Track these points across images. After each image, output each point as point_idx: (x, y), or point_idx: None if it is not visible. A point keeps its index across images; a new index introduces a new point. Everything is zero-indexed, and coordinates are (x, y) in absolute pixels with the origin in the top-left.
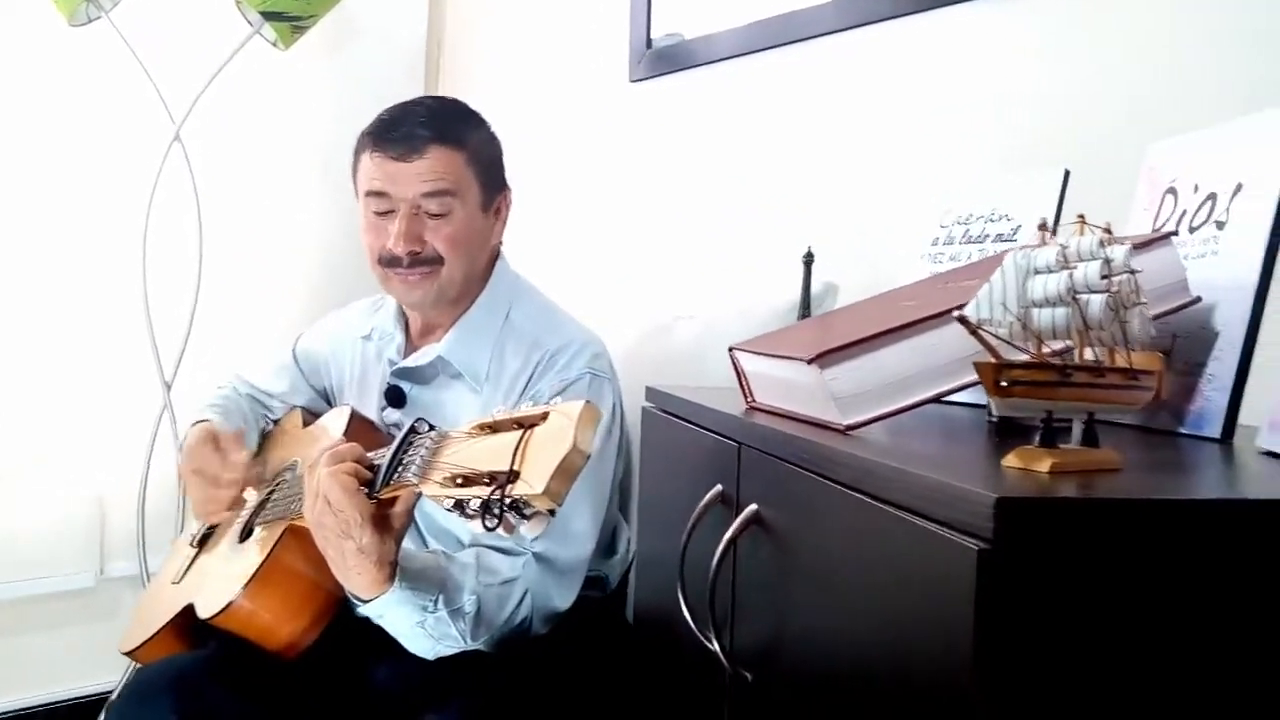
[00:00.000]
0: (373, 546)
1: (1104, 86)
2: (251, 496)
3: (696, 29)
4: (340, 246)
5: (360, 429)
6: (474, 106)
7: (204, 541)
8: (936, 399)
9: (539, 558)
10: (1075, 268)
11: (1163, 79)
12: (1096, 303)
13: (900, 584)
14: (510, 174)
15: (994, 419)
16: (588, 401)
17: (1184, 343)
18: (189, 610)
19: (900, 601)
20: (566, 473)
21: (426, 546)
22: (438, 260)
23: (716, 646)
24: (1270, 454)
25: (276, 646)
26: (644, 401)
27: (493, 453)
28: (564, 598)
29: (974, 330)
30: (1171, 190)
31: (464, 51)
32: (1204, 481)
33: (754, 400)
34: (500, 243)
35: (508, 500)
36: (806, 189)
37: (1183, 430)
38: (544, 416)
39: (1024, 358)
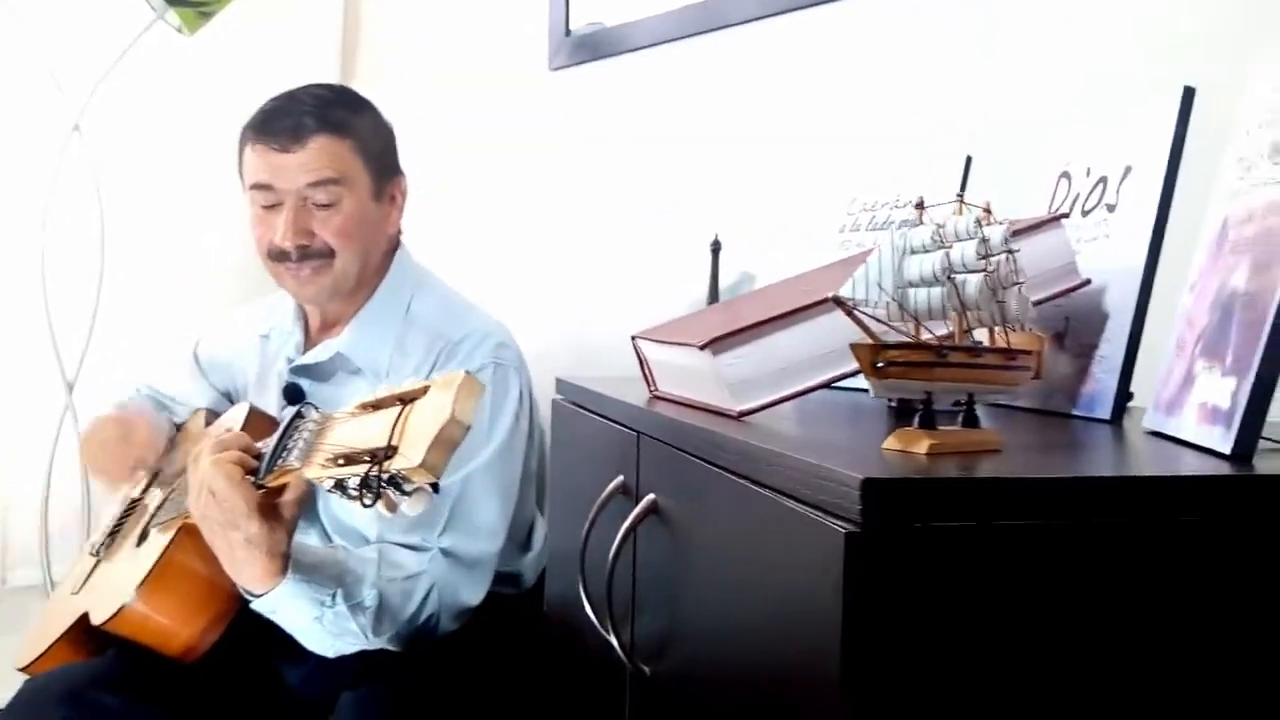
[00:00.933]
0: (261, 537)
1: (1008, 73)
2: (152, 499)
3: (618, 16)
4: (249, 241)
5: (259, 424)
6: (393, 94)
7: (102, 550)
8: (829, 384)
9: (446, 552)
10: (951, 247)
11: (1065, 67)
12: (973, 282)
13: (781, 570)
14: (427, 163)
15: (894, 404)
16: (467, 372)
17: (1077, 325)
18: (85, 619)
19: (780, 589)
20: (444, 444)
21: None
22: (328, 253)
23: (615, 641)
24: (1155, 434)
25: (175, 650)
26: (554, 394)
27: (372, 430)
28: (472, 593)
29: (849, 311)
30: (1066, 174)
31: (381, 37)
32: (1076, 461)
33: (657, 389)
34: (399, 232)
35: (385, 475)
36: (725, 177)
37: (1075, 412)
38: (424, 390)
39: (903, 339)
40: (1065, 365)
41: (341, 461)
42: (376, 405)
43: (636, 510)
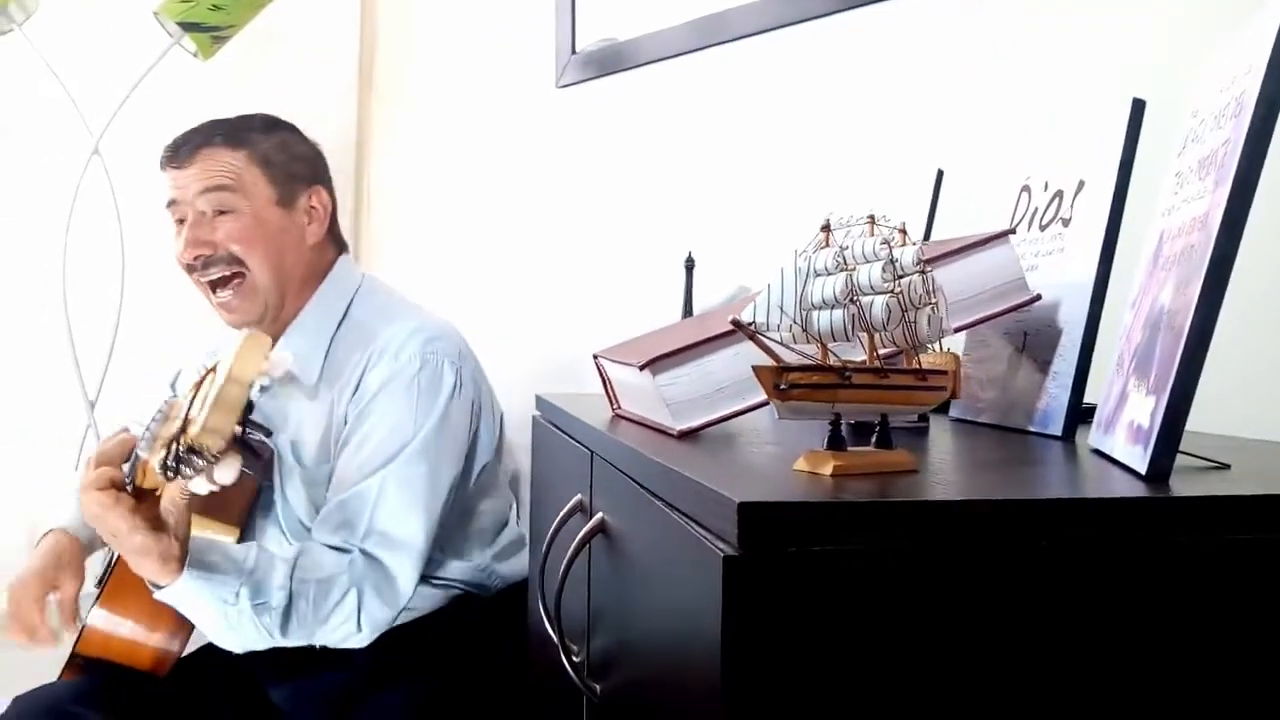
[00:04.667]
0: (147, 546)
1: (979, 85)
2: None
3: (628, 32)
4: None
5: None
6: (411, 116)
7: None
8: (765, 404)
9: (366, 555)
10: (855, 269)
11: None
12: (879, 303)
13: (685, 592)
14: (443, 184)
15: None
16: (251, 331)
17: (1034, 340)
18: (75, 652)
19: (685, 612)
20: (224, 405)
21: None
22: (236, 263)
23: (565, 661)
24: (1096, 451)
25: (145, 664)
26: (534, 410)
27: (184, 406)
28: (397, 598)
29: (751, 335)
30: (1026, 188)
31: (398, 59)
32: (985, 482)
33: (618, 407)
34: (337, 244)
35: (184, 449)
36: (723, 193)
37: (1031, 428)
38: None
39: (806, 361)
40: (1023, 380)
41: (163, 443)
42: (198, 383)
43: (585, 529)
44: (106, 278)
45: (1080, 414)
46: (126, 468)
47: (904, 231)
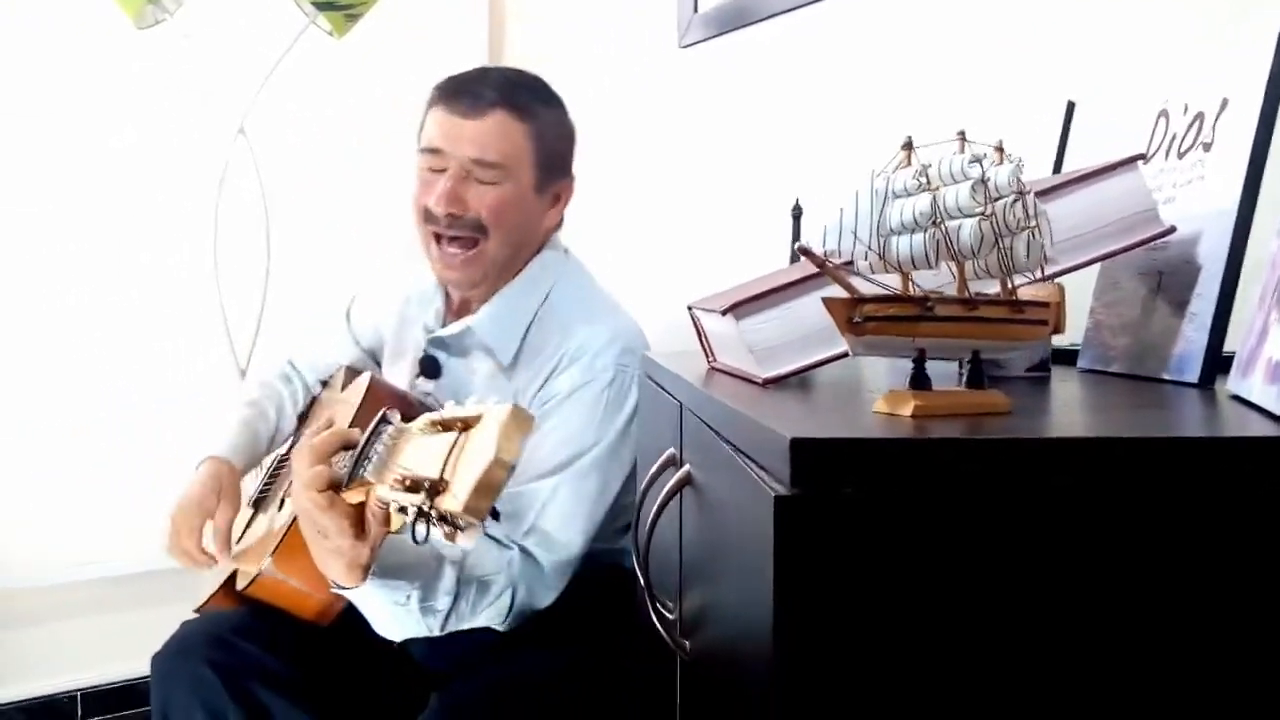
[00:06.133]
0: (345, 549)
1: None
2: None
3: None
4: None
5: (377, 399)
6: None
7: (259, 502)
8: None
9: (525, 553)
10: (941, 190)
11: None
12: (968, 228)
13: (749, 541)
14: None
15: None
16: (516, 406)
17: (1170, 279)
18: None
19: (748, 563)
20: (487, 487)
21: None
22: (479, 230)
23: (656, 620)
24: (1237, 398)
25: (309, 614)
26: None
27: (432, 455)
28: (545, 597)
29: (821, 263)
30: (1163, 113)
31: (526, 31)
32: (1076, 424)
33: (714, 360)
34: (555, 229)
35: (434, 514)
36: (841, 143)
37: (1165, 375)
38: (478, 419)
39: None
40: (1158, 324)
41: (406, 483)
42: (444, 425)
43: (670, 483)
44: (253, 252)
45: (1221, 359)
46: (339, 461)
47: (1000, 149)
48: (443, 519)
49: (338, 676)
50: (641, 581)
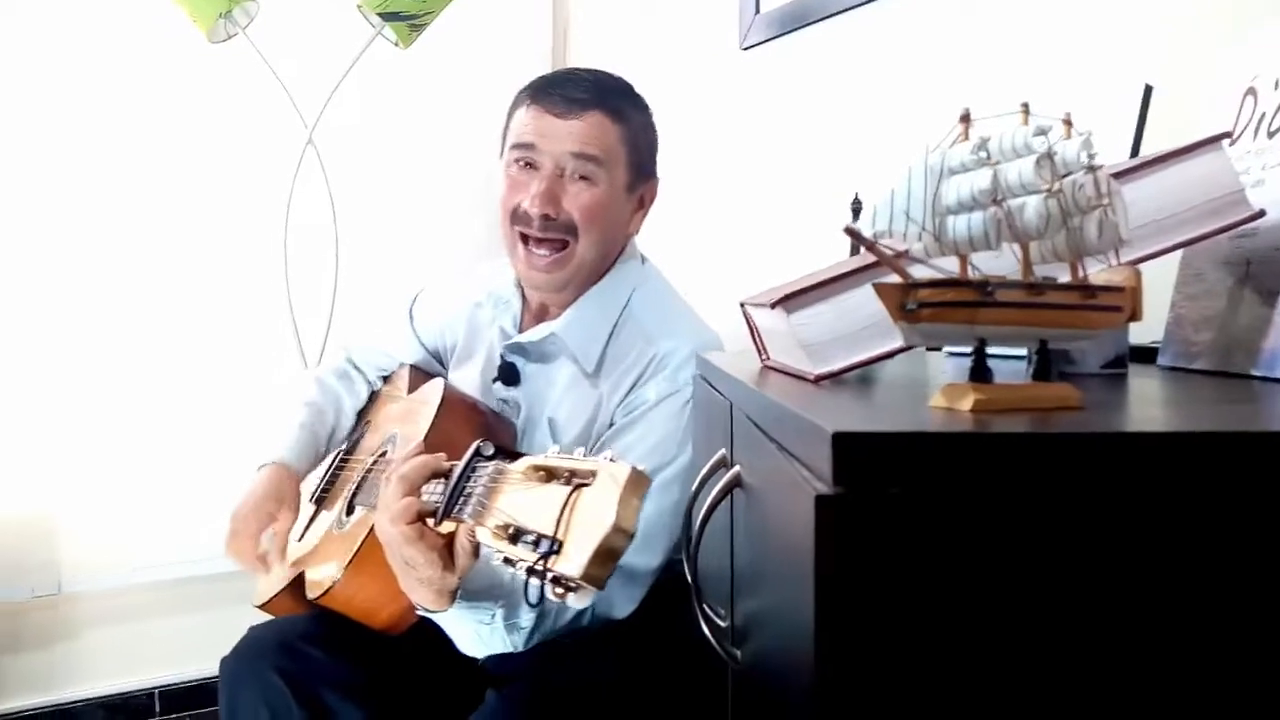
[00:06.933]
0: (433, 580)
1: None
2: (359, 463)
3: None
4: (472, 233)
5: (452, 409)
6: None
7: (321, 500)
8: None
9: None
10: (1002, 165)
11: None
12: (1032, 206)
13: (792, 542)
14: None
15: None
16: (634, 469)
17: (1259, 268)
18: (302, 577)
19: (790, 567)
20: (606, 555)
21: None
22: (570, 232)
23: (706, 628)
24: None
25: (380, 625)
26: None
27: (541, 507)
28: (625, 608)
29: (870, 245)
30: (1251, 91)
31: (590, 32)
32: (1154, 419)
33: (767, 358)
34: (636, 232)
35: (549, 575)
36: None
37: (1255, 372)
38: (592, 475)
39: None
40: (1245, 317)
41: (511, 532)
42: (549, 473)
43: (720, 484)
44: (322, 258)
45: None
46: (429, 490)
47: (1069, 123)
48: (555, 581)
49: (402, 682)
50: (693, 585)
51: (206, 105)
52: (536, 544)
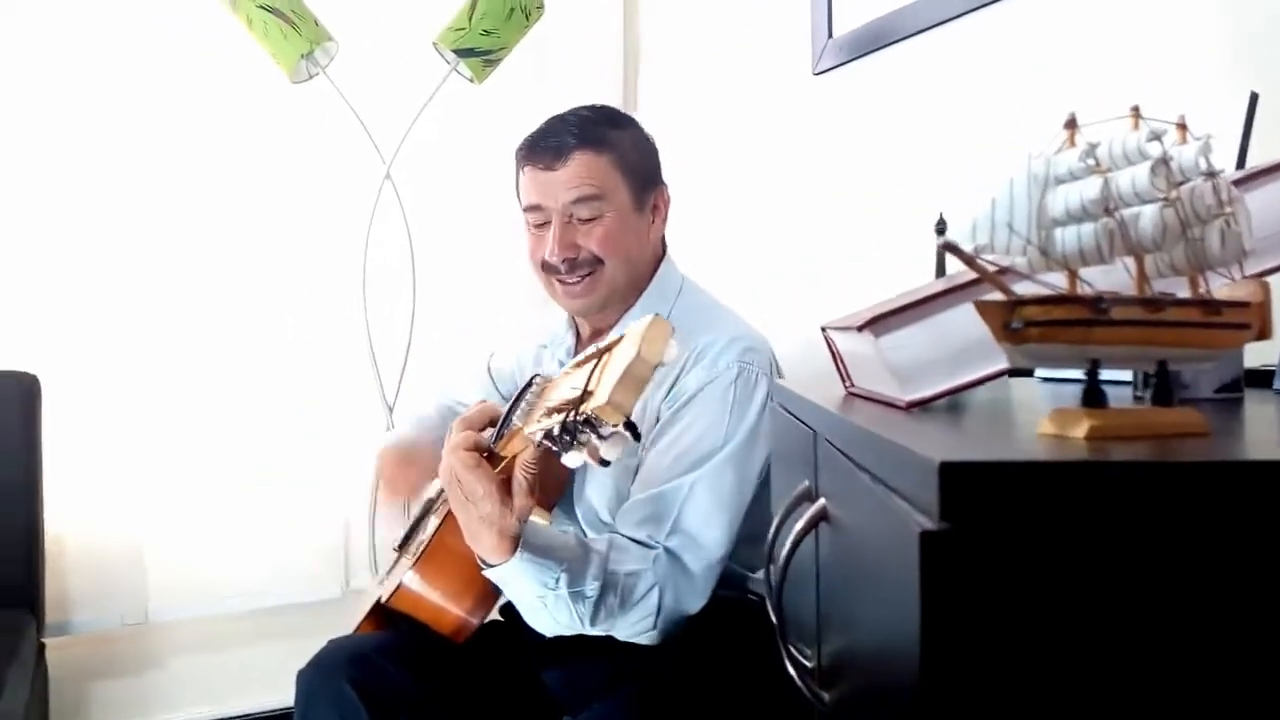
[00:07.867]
0: (494, 516)
1: None
2: (433, 489)
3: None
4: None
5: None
6: (673, 118)
7: (404, 545)
8: (1017, 370)
9: (670, 553)
10: (1114, 173)
11: None
12: (1148, 215)
13: (892, 580)
14: (701, 177)
15: (1141, 394)
16: (656, 315)
17: None
18: (380, 604)
19: (891, 606)
20: (631, 381)
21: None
22: (596, 262)
23: (792, 669)
24: None
25: (448, 628)
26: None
27: (577, 380)
28: (694, 601)
29: (969, 260)
30: None
31: (660, 64)
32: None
33: (850, 384)
34: (663, 242)
35: (580, 418)
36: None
37: None
38: (619, 340)
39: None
40: None
41: (552, 409)
42: (584, 361)
43: (806, 517)
44: (400, 291)
45: None
46: (488, 434)
47: (1183, 127)
48: (587, 424)
49: (474, 699)
50: (775, 620)
51: (289, 143)
52: (573, 401)
